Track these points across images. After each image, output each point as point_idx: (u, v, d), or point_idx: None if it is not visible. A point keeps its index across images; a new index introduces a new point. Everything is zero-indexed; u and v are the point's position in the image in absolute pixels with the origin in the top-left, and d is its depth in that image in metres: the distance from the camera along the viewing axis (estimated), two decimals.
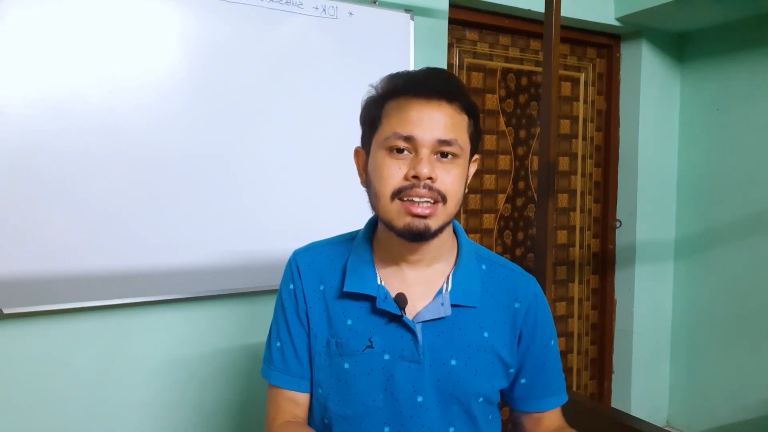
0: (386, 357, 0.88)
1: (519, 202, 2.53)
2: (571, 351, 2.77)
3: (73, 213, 1.46)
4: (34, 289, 1.43)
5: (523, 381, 0.97)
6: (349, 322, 0.90)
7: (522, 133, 2.51)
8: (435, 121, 0.82)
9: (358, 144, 0.93)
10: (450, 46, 2.25)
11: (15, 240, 1.40)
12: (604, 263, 2.80)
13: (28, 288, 1.42)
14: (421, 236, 0.83)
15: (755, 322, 2.43)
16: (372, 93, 0.90)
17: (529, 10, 2.26)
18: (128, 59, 1.50)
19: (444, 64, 2.08)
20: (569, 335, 2.75)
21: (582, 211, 2.74)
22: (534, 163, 2.53)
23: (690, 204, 2.70)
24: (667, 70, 2.70)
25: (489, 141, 2.43)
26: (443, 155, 0.83)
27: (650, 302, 2.74)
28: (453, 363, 0.89)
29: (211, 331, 1.69)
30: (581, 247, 2.75)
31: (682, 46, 2.72)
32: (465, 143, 0.86)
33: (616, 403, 2.79)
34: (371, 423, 0.89)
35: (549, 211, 1.59)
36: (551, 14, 1.57)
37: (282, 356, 0.95)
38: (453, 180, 0.84)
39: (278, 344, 0.96)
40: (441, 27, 2.05)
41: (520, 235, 2.55)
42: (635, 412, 2.65)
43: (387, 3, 1.88)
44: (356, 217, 1.02)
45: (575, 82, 2.66)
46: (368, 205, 0.90)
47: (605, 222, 2.79)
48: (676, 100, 2.74)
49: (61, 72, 1.43)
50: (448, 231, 0.93)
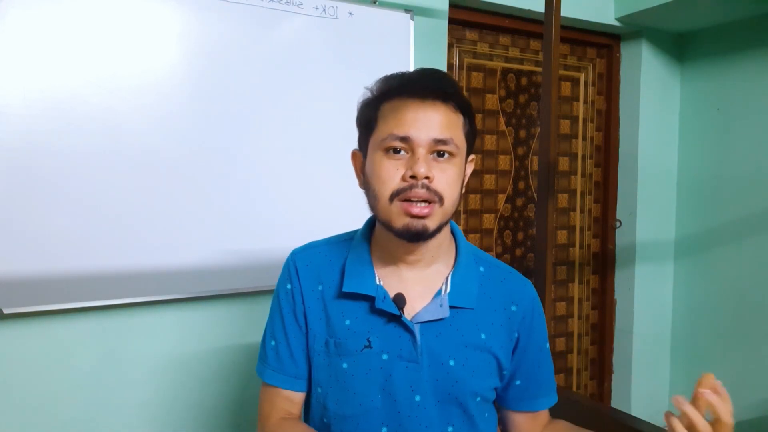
0: (384, 357, 0.89)
1: (519, 202, 2.53)
2: (571, 351, 2.77)
3: (73, 213, 1.46)
4: (34, 289, 1.43)
5: (518, 383, 0.98)
6: (348, 322, 0.91)
7: (522, 133, 2.51)
8: (430, 121, 0.83)
9: (356, 145, 0.93)
10: (450, 46, 2.25)
11: (15, 240, 1.40)
12: (604, 263, 2.80)
13: (28, 288, 1.42)
14: (420, 236, 0.84)
15: (755, 322, 2.43)
16: (367, 95, 0.90)
17: (529, 10, 2.26)
18: (128, 59, 1.50)
19: (444, 64, 2.08)
20: (569, 335, 2.75)
21: (582, 211, 2.74)
22: (534, 163, 2.53)
23: (690, 204, 2.70)
24: (667, 70, 2.70)
25: (489, 141, 2.43)
26: (440, 155, 0.84)
27: (650, 302, 2.74)
28: (451, 363, 0.89)
29: (211, 331, 1.69)
30: (581, 247, 2.75)
31: (682, 46, 2.72)
32: (461, 142, 0.86)
33: (616, 403, 2.79)
34: (369, 422, 0.90)
35: (549, 211, 1.59)
36: (551, 14, 1.57)
37: (276, 355, 0.96)
38: (449, 180, 0.84)
39: (273, 343, 0.97)
40: (441, 27, 2.04)
41: (520, 235, 2.55)
42: (635, 412, 2.65)
43: (387, 3, 1.88)
44: (356, 217, 1.02)
45: (575, 82, 2.66)
46: (367, 205, 0.90)
47: (605, 222, 2.79)
48: (676, 100, 2.74)
49: (61, 72, 1.43)
50: (446, 232, 0.93)
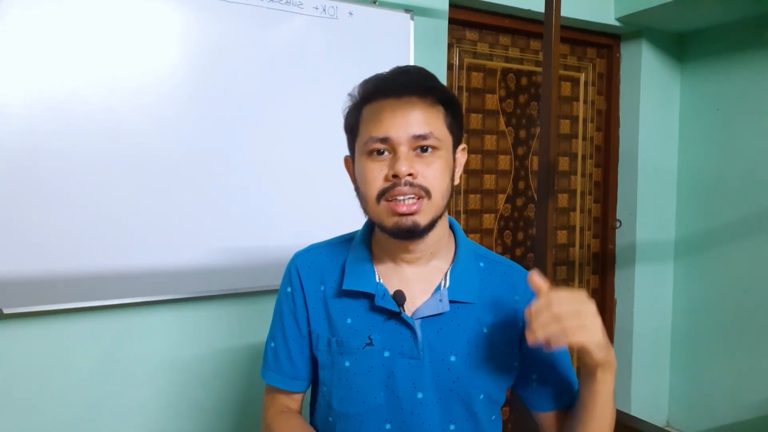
0: (386, 354, 0.89)
1: (519, 202, 2.53)
2: (572, 351, 2.76)
3: (73, 213, 1.46)
4: (34, 289, 1.43)
5: (534, 377, 0.95)
6: (349, 321, 0.91)
7: (522, 133, 2.51)
8: (408, 118, 0.83)
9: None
10: (450, 46, 2.25)
11: (15, 240, 1.40)
12: (604, 263, 2.80)
13: (28, 288, 1.42)
14: (412, 233, 0.84)
15: (755, 322, 2.43)
16: (350, 101, 0.92)
17: (529, 10, 2.26)
18: (128, 59, 1.50)
19: (444, 64, 2.08)
20: None
21: (582, 211, 2.74)
22: (534, 163, 2.53)
23: (690, 204, 2.70)
24: (667, 70, 2.70)
25: (489, 141, 2.43)
26: (423, 150, 0.84)
27: (650, 302, 2.74)
28: (452, 359, 0.89)
29: (211, 331, 1.69)
30: (581, 247, 2.75)
31: (682, 46, 2.72)
32: (443, 134, 0.86)
33: (616, 403, 2.78)
34: (373, 420, 0.90)
35: (549, 211, 1.59)
36: (551, 14, 1.57)
37: (275, 357, 0.98)
38: (434, 173, 0.84)
39: (272, 345, 0.99)
40: (441, 27, 2.05)
41: (520, 235, 2.55)
42: (635, 412, 2.65)
43: (387, 3, 1.88)
44: (356, 217, 1.02)
45: (575, 82, 2.66)
46: (361, 209, 0.91)
47: (605, 222, 2.79)
48: (676, 100, 2.74)
49: (61, 72, 1.43)
50: (444, 227, 0.93)
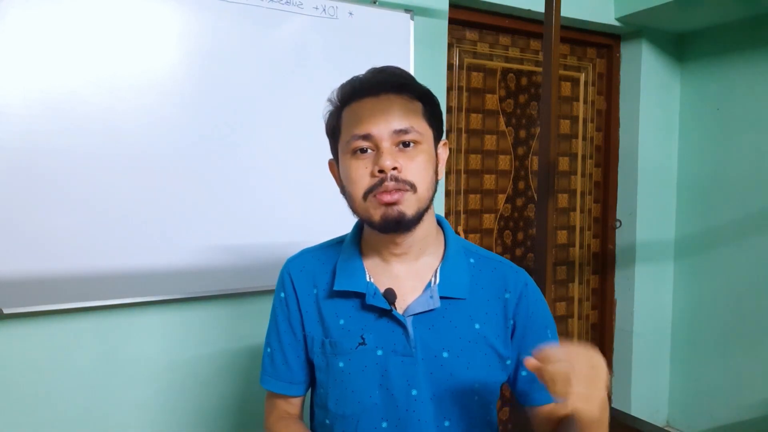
0: (379, 353, 0.89)
1: (519, 202, 2.53)
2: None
3: (73, 213, 1.46)
4: (34, 289, 1.43)
5: (524, 373, 0.95)
6: (342, 321, 0.92)
7: (522, 133, 2.51)
8: (388, 114, 0.84)
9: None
10: (450, 46, 2.25)
11: (15, 240, 1.40)
12: (604, 263, 2.80)
13: (28, 288, 1.43)
14: (398, 224, 0.85)
15: (755, 323, 2.43)
16: (329, 106, 0.92)
17: (529, 10, 2.26)
18: (128, 59, 1.50)
19: (444, 64, 2.08)
20: (569, 335, 2.75)
21: (582, 211, 2.74)
22: (534, 163, 2.53)
23: (690, 204, 2.70)
24: (667, 70, 2.70)
25: (489, 141, 2.43)
26: (405, 144, 0.85)
27: (650, 302, 2.74)
28: (445, 355, 0.89)
29: (211, 331, 1.69)
30: (581, 247, 2.75)
31: (682, 46, 2.72)
32: (423, 129, 0.87)
33: (616, 403, 2.79)
34: (369, 419, 0.90)
35: (549, 211, 1.59)
36: (551, 14, 1.57)
37: (272, 362, 0.99)
38: (418, 167, 0.85)
39: (269, 350, 1.00)
40: (441, 27, 2.04)
41: (520, 235, 2.55)
42: (635, 412, 2.66)
43: (387, 3, 1.88)
44: (353, 221, 1.02)
45: (575, 82, 2.66)
46: (349, 210, 0.91)
47: (605, 222, 2.79)
48: (676, 100, 2.74)
49: (61, 72, 1.43)
50: (431, 223, 0.94)
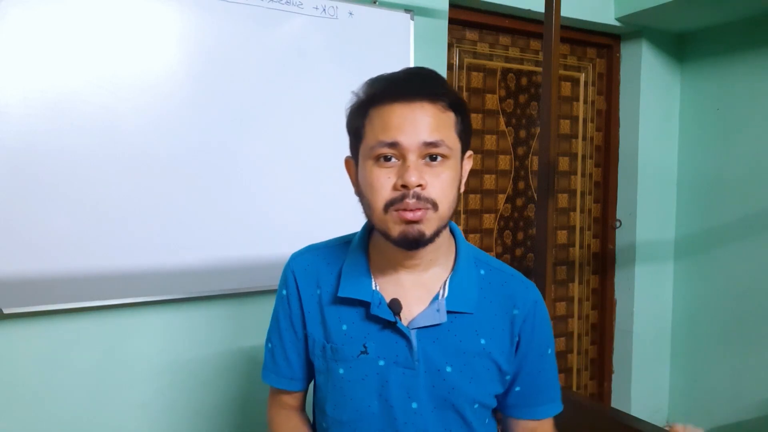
0: (381, 363, 0.88)
1: (519, 202, 2.53)
2: (571, 351, 2.77)
3: (73, 213, 1.46)
4: (34, 289, 1.43)
5: (518, 389, 0.94)
6: (344, 328, 0.90)
7: (522, 133, 2.51)
8: (419, 124, 0.79)
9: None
10: (450, 46, 2.25)
11: (15, 240, 1.40)
12: (604, 263, 2.80)
13: (28, 288, 1.42)
14: (417, 243, 0.82)
15: (755, 322, 2.43)
16: (354, 100, 0.88)
17: (529, 10, 2.26)
18: (128, 59, 1.50)
19: (444, 64, 2.08)
20: (569, 335, 2.75)
21: (582, 211, 2.74)
22: (534, 163, 2.53)
23: (690, 204, 2.70)
24: (667, 70, 2.70)
25: (489, 141, 2.43)
26: (432, 158, 0.80)
27: (650, 302, 2.74)
28: (448, 370, 0.88)
29: (211, 331, 1.69)
30: (581, 247, 2.75)
31: (682, 46, 2.72)
32: (453, 142, 0.83)
33: (616, 403, 2.79)
34: (366, 428, 0.89)
35: (549, 211, 1.59)
36: (551, 14, 1.57)
37: (273, 358, 0.99)
38: (443, 185, 0.81)
39: (270, 345, 1.00)
40: (441, 27, 2.04)
41: (520, 235, 2.55)
42: (635, 412, 2.65)
43: (387, 3, 1.88)
44: (355, 218, 1.02)
45: (575, 82, 2.66)
46: (363, 213, 0.89)
47: (605, 222, 2.79)
48: (676, 100, 2.74)
49: (61, 72, 1.43)
50: (445, 234, 0.90)
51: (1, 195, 1.39)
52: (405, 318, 0.88)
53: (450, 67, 2.26)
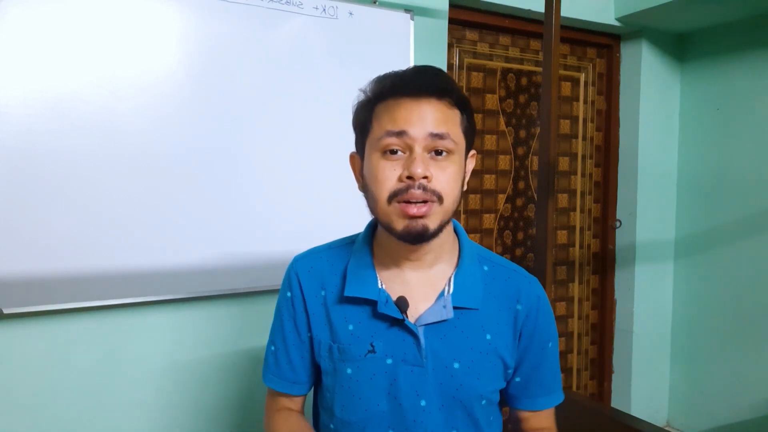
0: (389, 361, 0.88)
1: (519, 202, 2.53)
2: (571, 351, 2.77)
3: (73, 213, 1.46)
4: (34, 289, 1.43)
5: (518, 380, 0.96)
6: (351, 327, 0.90)
7: (522, 133, 2.51)
8: (426, 117, 0.80)
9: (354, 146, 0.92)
10: (450, 46, 2.25)
11: (15, 240, 1.40)
12: (604, 263, 2.80)
13: (28, 288, 1.42)
14: (421, 237, 0.82)
15: (755, 322, 2.43)
16: (361, 97, 0.88)
17: (529, 10, 2.26)
18: (128, 59, 1.50)
19: (444, 64, 2.08)
20: (569, 335, 2.75)
21: (582, 211, 2.74)
22: (534, 163, 2.53)
23: (690, 204, 2.70)
24: (667, 70, 2.70)
25: (489, 141, 2.43)
26: (437, 153, 0.81)
27: (650, 302, 2.74)
28: (456, 366, 0.88)
29: (211, 331, 1.69)
30: (581, 247, 2.75)
31: (682, 46, 2.72)
32: (459, 138, 0.84)
33: (616, 403, 2.79)
34: (375, 428, 0.89)
35: (549, 211, 1.59)
36: (551, 14, 1.57)
37: (275, 360, 0.98)
38: (448, 179, 0.82)
39: (272, 348, 0.98)
40: (441, 27, 2.05)
41: (520, 235, 2.55)
42: (635, 412, 2.65)
43: (387, 3, 1.88)
44: (356, 218, 1.02)
45: (575, 82, 2.66)
46: (367, 208, 0.89)
47: (605, 222, 2.79)
48: (676, 100, 2.74)
49: (61, 72, 1.43)
50: (449, 231, 0.91)
51: (1, 195, 1.39)
52: (411, 315, 0.88)
53: (450, 67, 2.26)
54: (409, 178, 0.79)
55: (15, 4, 1.38)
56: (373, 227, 0.95)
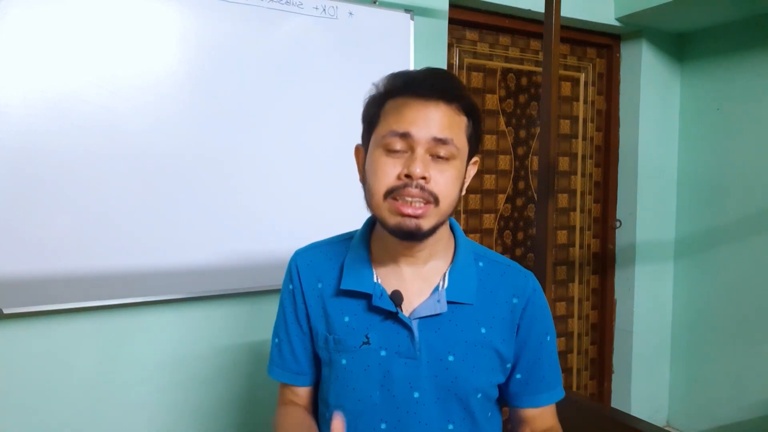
0: (383, 353, 0.89)
1: (519, 202, 2.53)
2: (571, 351, 2.77)
3: (73, 213, 1.46)
4: (34, 289, 1.43)
5: (519, 376, 0.96)
6: (347, 319, 0.92)
7: (522, 133, 2.51)
8: (431, 120, 0.82)
9: (359, 141, 0.94)
10: (450, 46, 2.25)
11: (15, 240, 1.40)
12: (604, 263, 2.80)
13: (28, 288, 1.42)
14: (413, 236, 0.84)
15: (755, 322, 2.43)
16: (373, 91, 0.90)
17: (529, 10, 2.26)
18: (128, 59, 1.50)
19: (444, 64, 2.08)
20: (569, 335, 2.75)
21: (582, 211, 2.74)
22: (534, 163, 2.53)
23: (690, 204, 2.70)
24: (667, 70, 2.70)
25: (489, 141, 2.43)
26: (439, 156, 0.83)
27: (650, 302, 2.74)
28: (450, 359, 0.89)
29: (211, 331, 1.69)
30: (581, 247, 2.75)
31: (682, 46, 2.72)
32: (462, 144, 0.85)
33: (616, 403, 2.79)
34: (368, 418, 0.91)
35: (549, 211, 1.59)
36: (551, 14, 1.57)
37: (279, 352, 1.00)
38: (446, 181, 0.83)
39: (276, 340, 1.01)
40: (441, 27, 2.05)
41: (520, 235, 2.55)
42: (635, 412, 2.65)
43: (387, 3, 1.88)
44: (355, 218, 1.02)
45: (575, 82, 2.66)
46: (364, 201, 0.90)
47: (605, 222, 2.79)
48: (676, 100, 2.74)
49: (61, 72, 1.43)
50: (445, 229, 0.93)
51: (1, 195, 1.39)
52: (406, 309, 0.90)
53: (450, 67, 2.26)
54: (408, 177, 0.81)
55: (15, 4, 1.38)
56: (371, 223, 0.97)
